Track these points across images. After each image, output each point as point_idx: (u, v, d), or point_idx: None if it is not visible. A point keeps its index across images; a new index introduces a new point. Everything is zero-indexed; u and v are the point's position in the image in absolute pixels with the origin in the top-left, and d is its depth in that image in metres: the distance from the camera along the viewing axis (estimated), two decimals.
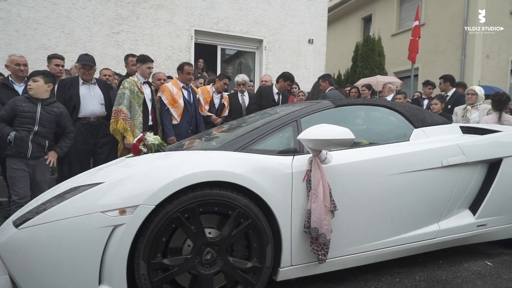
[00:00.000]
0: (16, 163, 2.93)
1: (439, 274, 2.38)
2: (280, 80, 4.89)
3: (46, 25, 6.38)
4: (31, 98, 2.98)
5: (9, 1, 6.16)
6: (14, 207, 2.87)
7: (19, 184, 2.91)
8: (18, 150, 2.90)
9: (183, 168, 1.73)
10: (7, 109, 2.95)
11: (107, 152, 4.13)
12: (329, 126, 1.91)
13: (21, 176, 2.93)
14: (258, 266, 1.85)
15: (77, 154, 3.98)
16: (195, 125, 4.55)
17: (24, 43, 6.27)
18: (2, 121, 2.96)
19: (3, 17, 6.13)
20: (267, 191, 1.86)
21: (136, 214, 1.61)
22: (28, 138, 2.92)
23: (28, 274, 1.57)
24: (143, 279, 1.65)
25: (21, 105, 2.93)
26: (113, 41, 6.82)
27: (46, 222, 1.59)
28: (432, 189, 2.38)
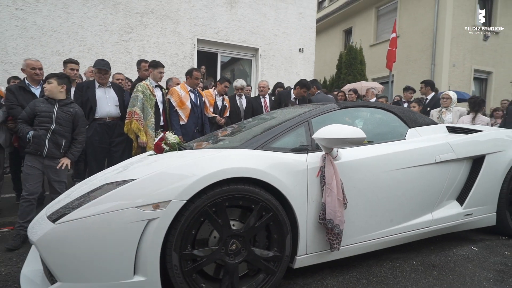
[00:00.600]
0: (31, 161, 2.81)
1: (433, 259, 2.37)
2: (297, 87, 4.80)
3: (60, 33, 6.16)
4: (49, 99, 2.87)
5: (25, 10, 5.92)
6: (22, 201, 2.76)
7: (30, 181, 2.79)
8: (35, 148, 2.77)
9: (212, 165, 1.65)
10: (27, 110, 2.84)
11: (121, 151, 4.01)
12: (341, 126, 1.86)
13: (33, 174, 2.80)
14: (279, 255, 1.79)
15: (94, 152, 3.86)
16: (201, 125, 4.45)
17: (40, 49, 6.04)
18: (23, 122, 2.84)
19: (19, 24, 5.89)
20: (286, 186, 1.80)
21: (169, 209, 1.54)
22: (46, 136, 2.79)
23: (66, 267, 1.47)
24: (175, 269, 1.57)
25: (39, 105, 2.83)
26: (123, 48, 6.63)
27: (83, 217, 1.50)
28: (427, 183, 2.37)
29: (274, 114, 2.75)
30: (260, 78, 7.81)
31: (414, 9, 11.75)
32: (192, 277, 1.61)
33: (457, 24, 10.91)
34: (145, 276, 1.52)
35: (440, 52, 10.88)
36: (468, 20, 11.17)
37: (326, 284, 1.98)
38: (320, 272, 2.13)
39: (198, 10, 7.26)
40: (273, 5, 8.03)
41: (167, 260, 1.56)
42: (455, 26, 10.87)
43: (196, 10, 7.24)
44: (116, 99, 3.95)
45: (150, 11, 6.82)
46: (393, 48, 8.55)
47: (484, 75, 11.92)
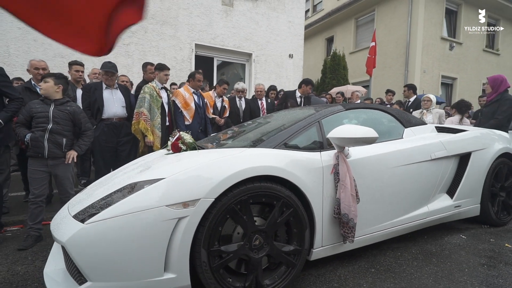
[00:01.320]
0: (34, 164, 2.57)
1: (429, 247, 2.38)
2: (303, 85, 4.70)
3: None
4: (45, 100, 2.63)
5: None
6: (30, 204, 2.57)
7: (35, 184, 2.57)
8: (35, 150, 2.54)
9: (238, 164, 1.57)
10: (23, 113, 2.60)
11: (128, 150, 3.85)
12: (355, 126, 1.83)
13: (38, 177, 2.57)
14: (299, 249, 1.73)
15: (101, 152, 3.68)
16: (204, 125, 4.33)
17: (42, 51, 5.73)
18: (21, 126, 2.60)
19: (22, 27, 5.55)
20: (305, 183, 1.75)
21: (198, 207, 1.45)
22: (44, 137, 2.55)
23: (96, 267, 1.36)
24: (204, 266, 1.48)
25: (35, 107, 2.58)
26: (124, 51, 6.39)
27: (113, 216, 1.39)
28: (424, 178, 2.37)
29: (278, 116, 2.69)
30: (254, 82, 7.74)
31: (389, 21, 11.96)
32: (220, 273, 1.53)
33: (427, 35, 11.19)
34: (176, 273, 1.43)
35: (412, 60, 11.12)
36: (436, 31, 11.47)
37: (339, 274, 1.94)
38: (331, 263, 2.09)
39: (195, 16, 7.09)
40: (265, 13, 7.95)
41: (196, 257, 1.48)
42: (425, 37, 11.14)
43: (194, 16, 7.07)
44: (123, 100, 3.77)
45: (151, 16, 6.60)
46: (373, 55, 8.66)
47: (449, 81, 12.29)
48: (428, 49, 11.26)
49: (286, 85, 8.27)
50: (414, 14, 11.03)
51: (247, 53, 7.84)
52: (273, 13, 8.08)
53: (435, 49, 11.51)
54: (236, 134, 2.46)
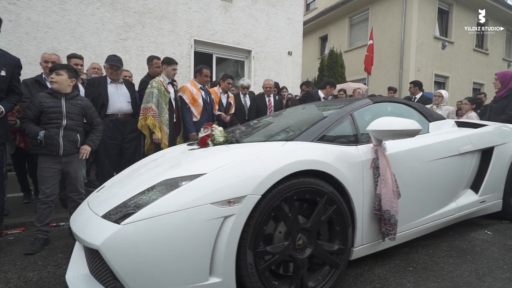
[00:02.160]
0: (47, 162, 2.38)
1: (459, 244, 2.33)
2: (327, 86, 4.59)
3: (57, 29, 5.58)
4: (54, 93, 2.42)
5: (19, 5, 5.29)
6: (39, 204, 2.38)
7: (46, 183, 2.38)
8: (50, 149, 2.35)
9: (283, 158, 1.46)
10: (32, 108, 2.37)
11: (133, 147, 3.67)
12: (396, 118, 1.74)
13: (50, 176, 2.39)
14: (343, 248, 1.64)
15: (105, 149, 3.48)
16: (212, 122, 4.18)
17: (35, 45, 5.43)
18: (29, 121, 2.38)
19: (13, 19, 5.26)
20: (347, 178, 1.65)
21: (245, 204, 1.33)
22: (59, 135, 2.38)
23: (135, 272, 1.22)
24: (250, 268, 1.37)
25: (44, 101, 2.37)
26: (121, 47, 6.15)
27: (153, 216, 1.25)
28: (453, 173, 2.32)
29: (299, 111, 2.59)
30: (253, 79, 7.62)
31: (384, 20, 12.06)
32: (265, 275, 1.42)
33: (421, 34, 11.35)
34: (221, 277, 1.31)
35: (407, 58, 11.25)
36: (429, 31, 11.64)
37: (378, 274, 1.85)
38: (366, 262, 2.00)
39: (194, 12, 6.91)
40: (264, 10, 7.84)
41: (241, 259, 1.35)
42: (419, 36, 11.29)
43: (193, 12, 6.89)
44: (128, 95, 3.59)
45: (148, 11, 6.39)
46: (371, 54, 8.68)
47: (442, 79, 12.51)
48: (422, 48, 11.42)
49: (286, 83, 8.20)
50: (408, 13, 11.15)
51: (247, 49, 7.71)
52: (272, 9, 7.98)
53: (428, 48, 11.68)
54: (258, 129, 2.34)
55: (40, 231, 2.38)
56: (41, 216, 2.37)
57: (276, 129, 2.13)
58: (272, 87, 5.10)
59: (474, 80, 13.37)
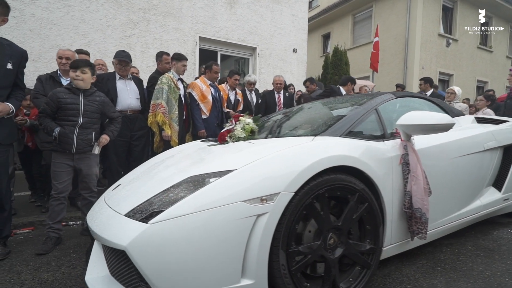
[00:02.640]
0: (60, 158, 2.33)
1: (483, 243, 2.26)
2: (348, 83, 4.54)
3: (60, 26, 5.49)
4: (73, 89, 2.36)
5: (22, 1, 5.20)
6: (52, 201, 2.33)
7: (59, 179, 2.32)
8: (63, 147, 2.30)
9: (315, 153, 1.39)
10: (49, 103, 2.30)
11: (142, 145, 3.59)
12: (428, 112, 1.67)
13: (63, 171, 2.33)
14: (374, 247, 1.57)
15: (114, 146, 3.40)
16: (221, 119, 4.11)
17: (39, 42, 5.35)
18: (46, 116, 2.31)
19: (16, 16, 5.16)
20: (377, 175, 1.58)
21: (278, 202, 1.26)
22: (73, 133, 2.32)
23: (164, 273, 1.15)
24: (282, 269, 1.30)
25: (62, 97, 2.30)
26: (126, 43, 6.05)
27: (182, 215, 1.18)
28: (477, 169, 2.26)
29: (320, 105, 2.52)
30: (258, 77, 7.53)
31: (388, 17, 11.97)
32: (297, 277, 1.35)
33: (425, 32, 11.26)
34: (253, 278, 1.24)
35: (411, 56, 11.17)
36: (433, 28, 11.56)
37: (406, 274, 1.79)
38: (391, 262, 1.94)
39: (199, 8, 6.82)
40: (269, 6, 7.75)
41: (273, 260, 1.28)
42: (423, 33, 11.21)
43: (198, 8, 6.80)
44: (137, 91, 3.52)
45: (153, 7, 6.30)
46: (377, 51, 8.62)
47: (446, 77, 12.43)
48: (426, 45, 11.33)
49: (291, 80, 8.10)
50: (413, 10, 11.06)
51: (251, 47, 7.62)
52: (277, 6, 7.89)
53: (433, 46, 11.60)
54: (280, 124, 2.26)
55: (52, 228, 2.31)
56: (53, 213, 2.31)
57: (299, 124, 2.06)
58: (283, 83, 5.02)
59: (478, 78, 13.30)
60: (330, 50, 14.34)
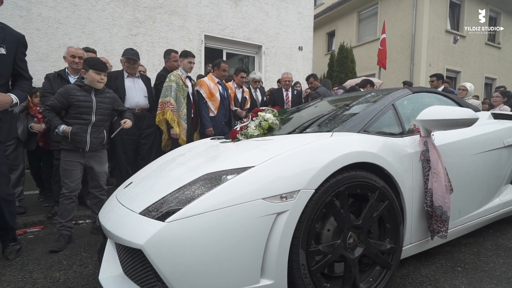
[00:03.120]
0: (71, 156, 2.30)
1: (503, 242, 2.20)
2: (368, 85, 4.52)
3: (67, 25, 5.49)
4: (85, 86, 2.32)
5: (29, 0, 5.21)
6: (63, 199, 2.29)
7: (70, 177, 2.29)
8: (76, 145, 2.28)
9: (334, 149, 1.34)
10: (59, 99, 2.23)
11: (150, 143, 3.57)
12: (450, 107, 1.62)
13: (74, 170, 2.30)
14: (394, 247, 1.52)
15: (122, 144, 3.39)
16: (229, 117, 4.07)
17: (46, 41, 5.35)
18: (51, 111, 2.25)
19: (24, 15, 5.18)
20: (398, 172, 1.53)
21: (298, 200, 1.21)
22: (87, 132, 2.31)
23: (181, 271, 1.11)
24: (302, 269, 1.25)
25: (75, 94, 2.26)
26: (132, 42, 6.04)
27: (200, 213, 1.14)
28: (497, 166, 2.19)
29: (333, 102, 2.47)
30: (264, 75, 7.48)
31: (394, 14, 11.83)
32: (317, 277, 1.30)
33: (432, 28, 11.11)
34: (273, 278, 1.19)
35: (418, 53, 11.02)
36: (441, 24, 11.40)
37: (426, 274, 1.73)
38: (409, 262, 1.88)
39: (204, 6, 6.78)
40: (274, 4, 7.69)
41: (293, 259, 1.24)
42: (430, 30, 11.05)
43: (203, 6, 6.76)
44: (145, 89, 3.50)
45: (159, 5, 6.27)
46: (384, 48, 8.51)
47: (453, 74, 12.26)
48: (433, 42, 11.17)
49: (296, 78, 8.03)
50: (419, 6, 10.91)
51: (257, 45, 7.57)
52: (283, 3, 7.82)
53: (440, 42, 11.43)
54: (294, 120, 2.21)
55: (64, 227, 2.30)
56: (65, 211, 2.29)
57: (315, 120, 1.98)
58: (291, 81, 4.96)
59: (486, 75, 13.10)
60: (335, 47, 14.21)
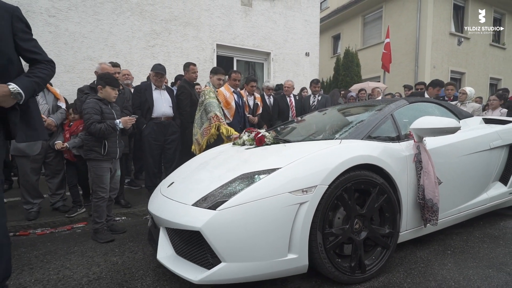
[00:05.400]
0: (105, 164, 2.64)
1: (490, 231, 2.53)
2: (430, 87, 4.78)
3: (91, 39, 5.97)
4: (105, 100, 2.66)
5: (57, 17, 5.70)
6: (100, 202, 2.60)
7: (106, 182, 2.63)
8: (110, 156, 2.64)
9: (343, 154, 1.72)
10: (96, 112, 2.56)
11: (174, 148, 3.98)
12: (437, 117, 1.98)
13: (106, 175, 2.65)
14: (392, 231, 1.88)
15: (150, 149, 3.81)
16: (243, 124, 4.46)
17: (72, 54, 5.84)
18: (100, 122, 2.56)
19: (53, 31, 5.67)
20: (394, 171, 1.90)
21: (316, 193, 1.59)
22: (116, 142, 2.70)
23: (230, 249, 1.50)
24: (319, 247, 1.63)
25: (102, 107, 2.61)
26: (149, 53, 6.51)
27: (243, 203, 1.53)
28: (484, 166, 2.53)
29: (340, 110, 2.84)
30: (273, 80, 7.86)
31: (398, 17, 12.13)
32: (331, 254, 1.68)
33: (436, 31, 11.37)
34: (297, 253, 1.57)
35: (422, 56, 11.30)
36: (445, 27, 11.66)
37: (420, 256, 2.09)
38: (406, 247, 2.24)
39: (216, 17, 7.21)
40: (282, 13, 8.09)
41: (312, 239, 1.62)
42: (434, 33, 11.32)
43: (215, 17, 7.19)
44: (170, 100, 3.91)
45: (174, 18, 6.72)
46: (388, 51, 8.83)
47: (458, 75, 12.48)
48: (437, 44, 11.44)
49: (303, 83, 8.41)
50: (423, 9, 11.20)
51: (266, 52, 7.98)
52: (290, 12, 8.22)
53: (444, 45, 11.69)
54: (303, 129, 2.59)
55: (112, 218, 2.78)
56: (103, 212, 2.64)
57: (324, 128, 2.37)
58: (292, 87, 5.35)
59: (491, 76, 13.28)
60: (340, 51, 14.55)
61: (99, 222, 2.66)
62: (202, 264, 1.61)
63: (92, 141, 2.56)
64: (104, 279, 1.92)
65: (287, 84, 5.42)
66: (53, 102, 3.32)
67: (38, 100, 3.16)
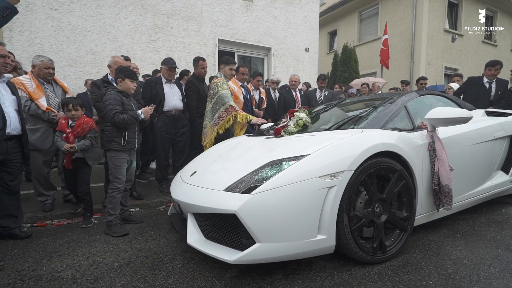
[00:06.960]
0: (123, 155, 2.68)
1: (494, 217, 2.68)
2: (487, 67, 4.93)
3: (94, 33, 5.94)
4: (124, 93, 2.71)
5: (60, 10, 5.65)
6: (116, 193, 2.62)
7: (123, 173, 2.67)
8: (130, 147, 2.69)
9: (367, 141, 1.82)
10: (118, 103, 2.59)
11: (184, 141, 4.04)
12: (450, 108, 2.09)
13: (124, 166, 2.69)
14: (409, 215, 2.00)
15: (162, 141, 3.86)
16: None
17: (75, 48, 5.80)
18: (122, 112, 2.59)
19: (55, 24, 5.62)
20: (411, 158, 2.01)
21: (343, 177, 1.69)
22: (135, 133, 2.74)
23: (264, 230, 1.59)
24: (346, 228, 1.73)
25: (122, 99, 2.65)
26: (152, 47, 6.50)
27: (276, 187, 1.62)
28: (489, 155, 2.67)
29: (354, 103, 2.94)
30: (273, 75, 7.93)
31: (394, 14, 12.30)
32: (355, 235, 1.78)
33: (431, 28, 11.59)
34: (326, 234, 1.67)
35: (418, 52, 11.51)
36: (439, 24, 11.88)
37: (432, 239, 2.22)
38: (418, 231, 2.37)
39: (218, 12, 7.23)
40: (282, 8, 8.15)
41: (339, 221, 1.72)
42: (429, 29, 11.53)
43: (217, 12, 7.21)
44: (180, 93, 3.96)
45: (176, 12, 6.72)
46: (386, 47, 8.98)
47: (452, 72, 12.74)
48: (432, 41, 11.66)
49: (303, 78, 8.51)
50: (419, 6, 11.38)
51: (266, 47, 8.03)
52: (290, 7, 8.28)
53: (439, 41, 11.92)
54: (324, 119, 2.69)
55: (128, 207, 2.83)
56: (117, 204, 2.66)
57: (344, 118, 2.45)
58: (298, 82, 5.44)
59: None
60: (336, 47, 14.70)
61: (113, 214, 2.64)
62: (233, 246, 1.69)
63: (113, 131, 2.61)
64: (135, 263, 1.99)
65: (293, 78, 5.50)
66: (61, 95, 3.33)
67: (48, 94, 3.17)
